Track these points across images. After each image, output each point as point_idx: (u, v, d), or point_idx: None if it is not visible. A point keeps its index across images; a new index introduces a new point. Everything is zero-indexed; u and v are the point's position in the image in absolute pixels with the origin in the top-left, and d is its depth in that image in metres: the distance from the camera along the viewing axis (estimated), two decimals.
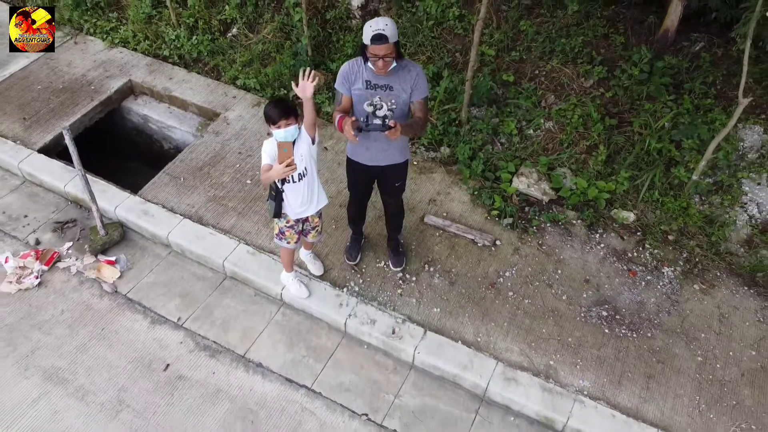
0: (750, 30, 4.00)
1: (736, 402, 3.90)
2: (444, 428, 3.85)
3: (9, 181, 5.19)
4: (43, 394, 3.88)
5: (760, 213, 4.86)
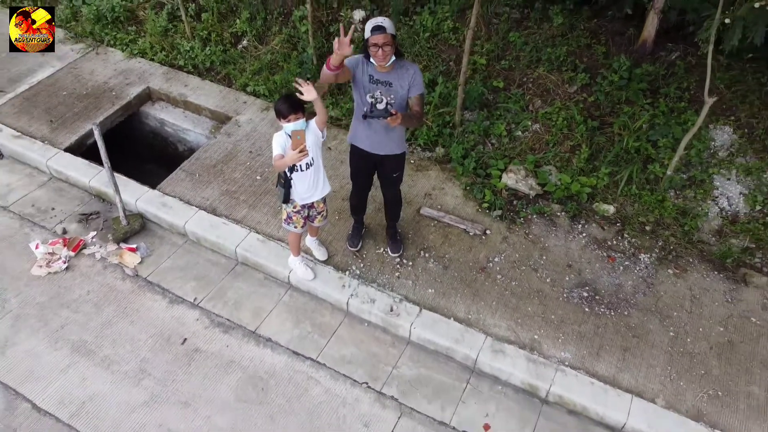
0: (711, 35, 4.45)
1: (704, 372, 4.27)
2: (438, 396, 4.22)
3: (37, 178, 5.62)
4: (72, 363, 4.26)
5: (730, 206, 5.27)
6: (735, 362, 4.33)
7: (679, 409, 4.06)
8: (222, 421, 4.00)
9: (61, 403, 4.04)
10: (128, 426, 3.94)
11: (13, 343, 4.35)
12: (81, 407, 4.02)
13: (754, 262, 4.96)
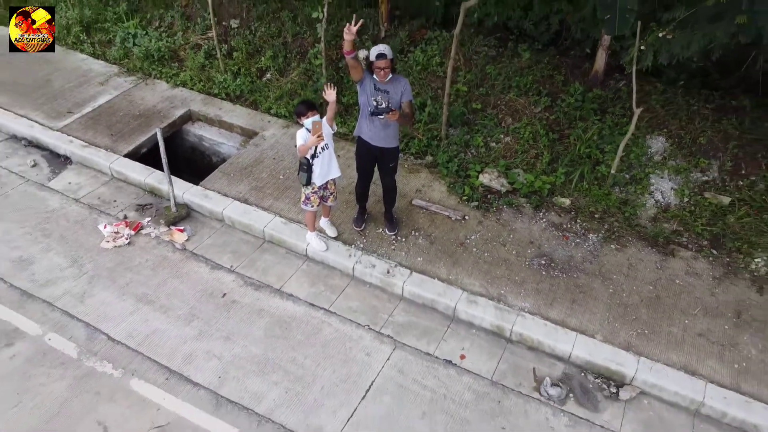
0: (633, 57, 5.81)
1: (635, 317, 5.41)
2: (424, 335, 5.36)
3: (100, 178, 6.91)
4: (137, 309, 5.43)
5: (663, 198, 6.51)
6: (660, 311, 5.47)
7: (613, 343, 5.19)
8: (256, 349, 5.14)
9: (130, 335, 5.19)
10: (182, 352, 5.08)
11: (90, 294, 5.53)
12: (145, 339, 5.16)
13: (681, 240, 6.16)
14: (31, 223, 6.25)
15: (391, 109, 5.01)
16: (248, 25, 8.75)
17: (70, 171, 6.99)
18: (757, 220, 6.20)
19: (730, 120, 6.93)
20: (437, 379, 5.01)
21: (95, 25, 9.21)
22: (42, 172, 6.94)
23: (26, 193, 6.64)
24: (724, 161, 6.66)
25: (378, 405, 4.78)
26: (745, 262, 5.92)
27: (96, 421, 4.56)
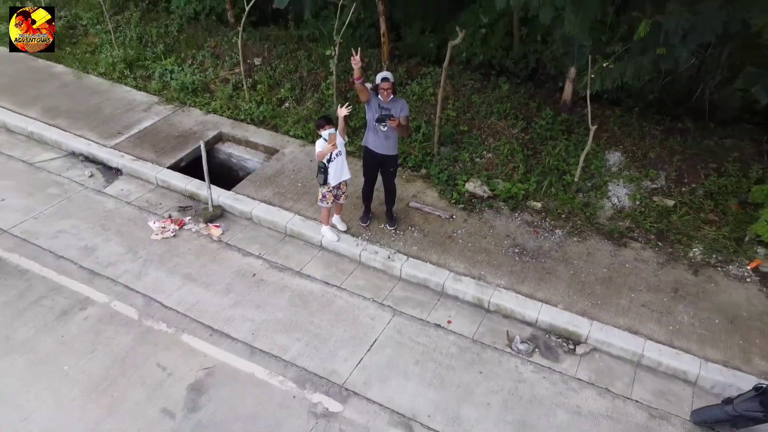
0: (587, 83, 7.19)
1: (590, 292, 6.63)
2: (418, 306, 6.56)
3: (147, 186, 8.22)
4: (183, 285, 6.66)
5: (619, 202, 7.79)
6: (611, 288, 6.69)
7: (572, 310, 6.40)
8: (281, 315, 6.34)
9: (179, 303, 6.40)
10: (222, 316, 6.28)
11: (144, 274, 6.77)
12: (191, 306, 6.38)
13: (632, 235, 7.41)
14: (92, 220, 7.54)
15: (392, 116, 6.37)
16: (269, 63, 10.23)
17: (121, 180, 8.31)
18: (695, 218, 7.47)
19: (675, 139, 8.29)
20: (428, 337, 6.20)
21: (137, 63, 10.68)
22: (98, 181, 8.27)
23: (86, 197, 7.95)
24: (669, 172, 7.97)
25: (380, 355, 5.96)
26: (684, 251, 7.16)
27: (156, 364, 5.74)
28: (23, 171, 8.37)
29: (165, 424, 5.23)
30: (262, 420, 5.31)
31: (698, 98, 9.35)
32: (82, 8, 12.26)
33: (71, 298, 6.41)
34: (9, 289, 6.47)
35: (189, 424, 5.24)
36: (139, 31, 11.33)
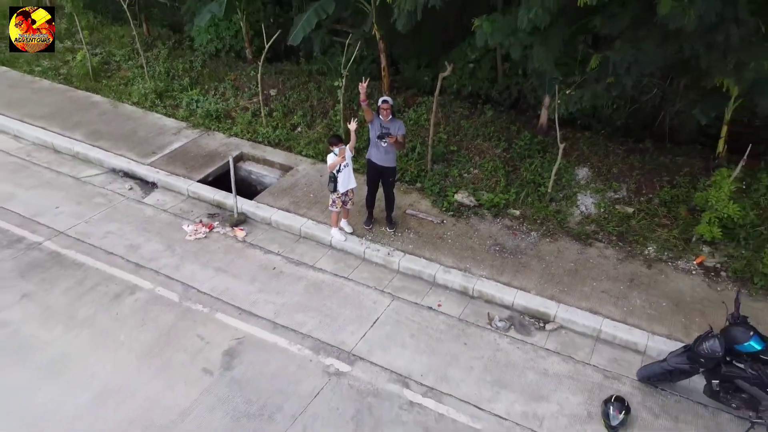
0: (555, 108, 8.54)
1: (559, 281, 7.86)
2: (413, 293, 7.76)
3: (180, 197, 9.50)
4: (215, 275, 7.88)
5: (586, 209, 9.07)
6: (577, 278, 7.92)
7: (543, 295, 7.61)
8: (298, 299, 7.55)
9: (212, 289, 7.62)
10: (248, 299, 7.49)
11: (182, 266, 8.00)
12: (222, 292, 7.59)
13: (597, 236, 8.67)
14: (134, 224, 8.81)
15: (390, 134, 7.70)
16: (284, 93, 11.65)
17: (157, 192, 9.61)
18: (650, 222, 8.74)
19: (635, 157, 9.62)
20: (421, 317, 7.41)
21: (166, 93, 12.10)
22: (137, 193, 9.57)
23: (128, 206, 9.23)
24: (630, 184, 9.28)
25: (381, 330, 7.16)
26: (640, 249, 8.41)
27: (195, 335, 6.94)
28: (72, 184, 9.68)
29: (205, 379, 6.41)
30: (285, 377, 6.48)
31: (660, 123, 10.74)
32: (115, 46, 13.76)
33: (121, 285, 7.64)
34: (69, 278, 7.70)
35: (225, 380, 6.41)
36: (167, 66, 12.78)
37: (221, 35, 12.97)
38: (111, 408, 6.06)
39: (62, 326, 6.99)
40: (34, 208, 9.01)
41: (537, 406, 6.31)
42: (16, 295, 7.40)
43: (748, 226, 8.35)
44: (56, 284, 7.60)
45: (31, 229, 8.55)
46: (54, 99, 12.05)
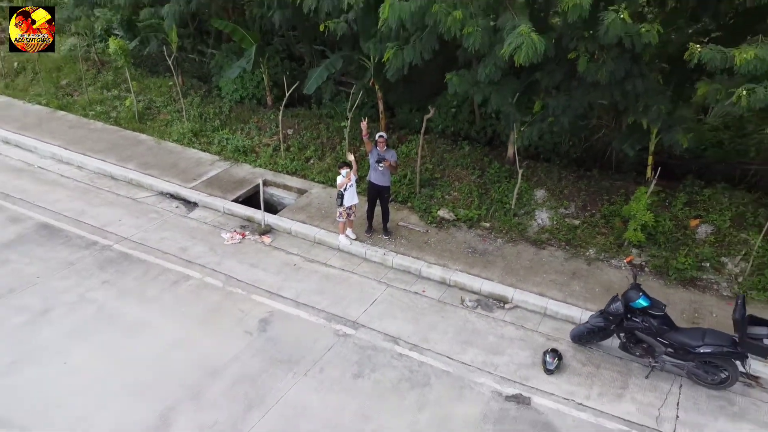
0: (514, 140, 10.96)
1: (516, 274, 10.10)
2: (403, 283, 9.99)
3: (217, 213, 11.84)
4: (249, 269, 10.14)
5: (542, 222, 11.40)
6: (531, 271, 10.17)
7: (504, 283, 9.86)
8: (314, 286, 9.79)
9: (247, 278, 9.85)
10: (276, 285, 9.73)
11: (222, 263, 10.26)
12: (255, 280, 9.83)
13: (550, 242, 10.96)
14: (182, 232, 11.11)
15: (386, 159, 10.11)
16: (299, 132, 14.15)
17: (198, 210, 11.95)
18: (592, 231, 11.04)
19: (583, 181, 12.01)
20: (409, 299, 9.63)
21: (200, 133, 14.58)
22: (182, 210, 11.90)
23: (176, 219, 11.56)
24: (577, 202, 11.64)
25: (378, 307, 9.37)
26: (583, 252, 10.69)
27: (237, 309, 9.15)
28: (130, 204, 12.03)
29: (246, 338, 8.59)
30: (305, 337, 8.67)
31: (608, 156, 13.17)
32: (155, 94, 16.34)
33: (177, 275, 9.89)
34: (137, 270, 9.95)
35: (261, 338, 8.59)
36: (200, 111, 15.31)
37: (245, 85, 15.55)
38: (180, 356, 8.23)
39: (136, 303, 9.22)
40: (102, 220, 11.32)
41: (494, 357, 8.48)
42: (98, 281, 9.64)
43: (666, 233, 10.65)
44: (127, 274, 9.85)
45: (102, 236, 10.85)
46: (108, 137, 14.53)
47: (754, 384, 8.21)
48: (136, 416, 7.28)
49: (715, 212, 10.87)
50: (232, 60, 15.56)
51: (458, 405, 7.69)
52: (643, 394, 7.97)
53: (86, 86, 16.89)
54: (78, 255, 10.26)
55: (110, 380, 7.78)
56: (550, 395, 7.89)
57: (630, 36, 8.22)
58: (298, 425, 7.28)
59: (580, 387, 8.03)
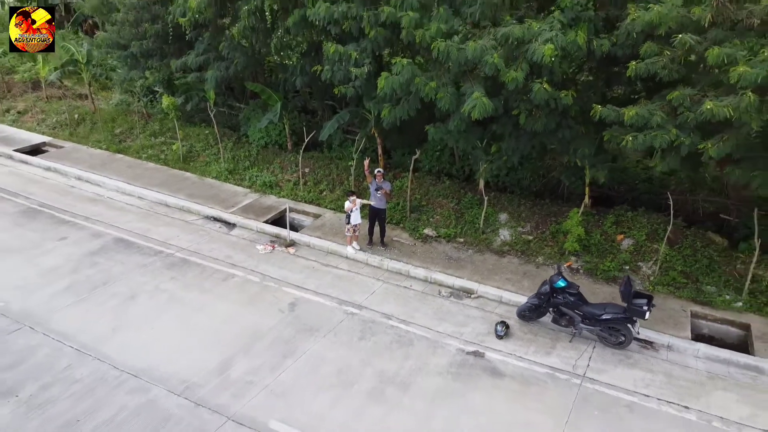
0: (482, 173, 14.41)
1: (481, 274, 13.39)
2: (396, 280, 13.27)
3: (252, 231, 15.20)
4: (280, 269, 13.42)
5: (504, 238, 14.74)
6: (492, 272, 13.45)
7: (471, 280, 13.15)
8: (329, 281, 13.05)
9: (278, 276, 13.12)
10: (300, 281, 13.01)
11: (258, 266, 13.54)
12: (284, 277, 13.10)
13: (510, 252, 14.27)
14: (226, 245, 14.46)
15: (383, 188, 13.55)
16: (314, 171, 17.65)
17: (237, 229, 15.33)
18: (542, 244, 14.35)
19: (537, 208, 15.38)
20: (400, 291, 12.89)
21: (234, 171, 18.09)
22: (224, 230, 15.28)
23: (220, 236, 14.92)
24: (532, 223, 14.99)
25: (376, 296, 12.61)
26: (533, 259, 13.97)
27: (272, 296, 12.42)
28: (182, 225, 15.42)
29: (279, 315, 11.82)
30: (323, 315, 11.88)
31: (561, 188, 16.62)
32: (195, 140, 19.94)
33: (225, 274, 13.18)
34: (195, 270, 13.24)
35: (291, 315, 11.82)
36: (233, 154, 18.87)
37: (270, 133, 19.17)
38: (232, 326, 11.42)
39: (197, 292, 12.49)
40: (164, 236, 14.69)
41: (461, 328, 11.68)
42: (167, 277, 12.94)
43: (597, 245, 13.96)
44: (188, 273, 13.15)
45: (166, 247, 14.20)
46: (159, 175, 18.06)
47: (648, 347, 11.35)
48: (205, 361, 10.45)
49: (635, 229, 14.20)
50: (258, 113, 19.27)
51: (432, 357, 10.85)
52: (566, 351, 11.12)
53: (137, 134, 20.54)
54: (149, 260, 13.59)
55: (185, 340, 10.98)
56: (499, 351, 11.05)
57: (554, 98, 11.73)
58: (319, 368, 10.44)
59: (521, 347, 11.20)
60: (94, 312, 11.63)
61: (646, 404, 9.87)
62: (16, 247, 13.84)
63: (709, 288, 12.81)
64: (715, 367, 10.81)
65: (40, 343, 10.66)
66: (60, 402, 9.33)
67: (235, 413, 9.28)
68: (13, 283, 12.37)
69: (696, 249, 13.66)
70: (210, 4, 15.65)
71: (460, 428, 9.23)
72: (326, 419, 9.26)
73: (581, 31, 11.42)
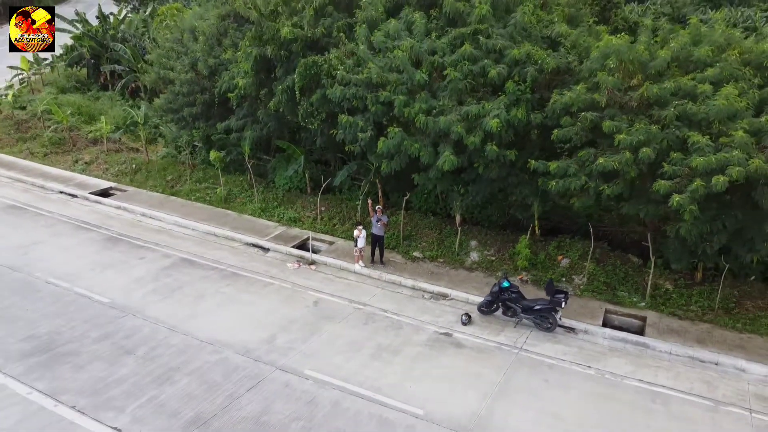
0: (457, 208, 19.25)
1: (454, 283, 18.08)
2: (391, 288, 17.94)
3: (282, 254, 19.95)
4: (306, 280, 18.14)
5: (474, 258, 19.47)
6: (464, 282, 18.11)
7: (447, 287, 17.84)
8: (342, 288, 17.76)
9: (304, 284, 17.85)
10: (321, 287, 17.71)
11: (288, 278, 18.27)
12: (308, 286, 17.85)
13: (478, 269, 18.98)
14: (263, 263, 19.21)
15: (381, 220, 18.41)
16: (329, 209, 22.55)
17: (271, 252, 20.13)
18: (501, 261, 19.06)
19: (500, 236, 20.17)
20: (393, 295, 17.54)
21: (265, 209, 22.98)
22: (261, 253, 20.07)
23: (259, 256, 19.70)
24: (495, 247, 19.75)
25: (377, 297, 17.27)
26: (494, 272, 18.68)
27: (301, 297, 17.12)
28: (229, 249, 20.23)
29: (306, 308, 16.47)
30: (338, 309, 16.55)
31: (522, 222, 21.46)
32: (232, 186, 24.93)
33: (265, 283, 17.88)
34: (243, 281, 17.97)
35: (315, 309, 16.48)
36: (264, 196, 23.82)
37: (293, 180, 24.16)
38: (273, 316, 16.07)
39: (246, 294, 17.19)
40: (216, 257, 19.49)
41: (437, 318, 16.31)
42: (223, 284, 17.66)
43: (542, 263, 18.69)
44: (238, 281, 17.88)
45: (219, 264, 18.97)
46: (206, 212, 22.98)
47: (570, 332, 15.94)
48: (258, 335, 15.07)
49: (572, 251, 18.96)
50: (283, 164, 24.33)
51: (415, 335, 15.46)
52: (511, 333, 15.72)
53: (185, 180, 25.58)
54: (208, 273, 18.37)
55: (242, 323, 15.63)
56: (462, 333, 15.65)
57: (502, 155, 16.67)
58: (336, 340, 15.04)
59: (478, 330, 15.81)
60: (175, 306, 16.34)
61: (561, 365, 14.43)
62: (109, 264, 18.64)
63: (623, 293, 17.46)
64: (615, 344, 15.39)
65: (143, 324, 15.34)
66: (164, 357, 13.96)
67: (282, 365, 13.88)
68: (114, 287, 17.12)
69: (616, 266, 18.36)
70: (253, 83, 20.90)
71: (431, 376, 13.79)
72: (342, 368, 13.84)
73: (521, 109, 16.46)
